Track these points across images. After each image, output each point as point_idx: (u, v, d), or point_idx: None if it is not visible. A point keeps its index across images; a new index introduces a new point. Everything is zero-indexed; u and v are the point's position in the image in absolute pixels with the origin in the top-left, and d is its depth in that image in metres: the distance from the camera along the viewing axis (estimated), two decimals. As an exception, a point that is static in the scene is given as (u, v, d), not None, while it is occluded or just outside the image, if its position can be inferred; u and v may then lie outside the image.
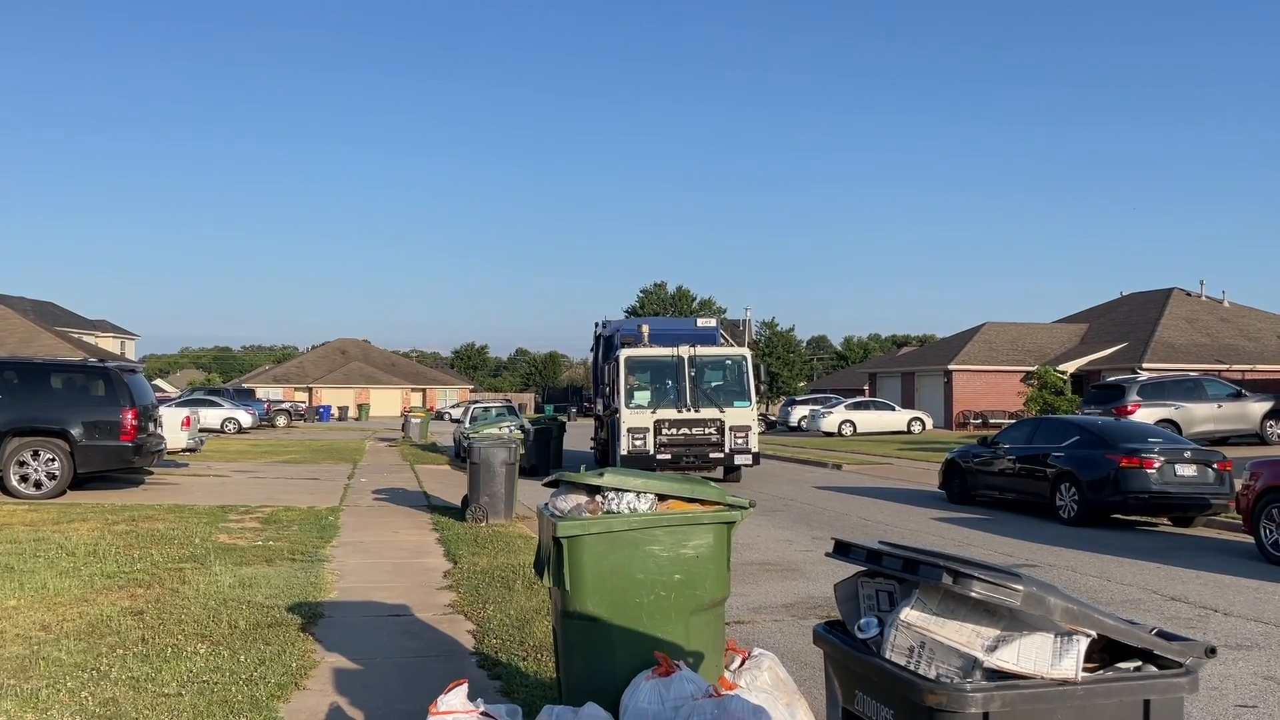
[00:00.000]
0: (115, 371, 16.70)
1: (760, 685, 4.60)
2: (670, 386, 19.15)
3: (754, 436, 19.06)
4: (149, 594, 8.34)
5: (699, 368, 19.24)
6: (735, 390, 19.53)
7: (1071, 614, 2.75)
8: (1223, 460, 14.04)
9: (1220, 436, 26.29)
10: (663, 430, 18.71)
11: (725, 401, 19.10)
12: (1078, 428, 15.38)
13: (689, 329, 22.68)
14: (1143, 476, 13.60)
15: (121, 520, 12.82)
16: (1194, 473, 13.79)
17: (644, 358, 19.51)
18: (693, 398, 18.85)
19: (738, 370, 19.82)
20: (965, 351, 48.76)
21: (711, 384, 19.61)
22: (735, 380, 19.74)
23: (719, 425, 18.82)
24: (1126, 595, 9.07)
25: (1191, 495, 13.77)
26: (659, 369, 19.48)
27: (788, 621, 8.03)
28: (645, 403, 18.95)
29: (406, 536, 12.32)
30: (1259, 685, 6.23)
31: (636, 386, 19.27)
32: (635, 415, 18.79)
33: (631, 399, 19.03)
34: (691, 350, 19.23)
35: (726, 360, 20.17)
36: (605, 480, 4.76)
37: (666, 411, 18.79)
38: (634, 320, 24.13)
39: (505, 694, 5.70)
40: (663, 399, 18.99)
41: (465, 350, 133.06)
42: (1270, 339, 42.17)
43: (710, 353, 20.01)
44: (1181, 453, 13.98)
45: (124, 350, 68.20)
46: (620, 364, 19.21)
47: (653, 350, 19.61)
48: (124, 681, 5.82)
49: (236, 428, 43.15)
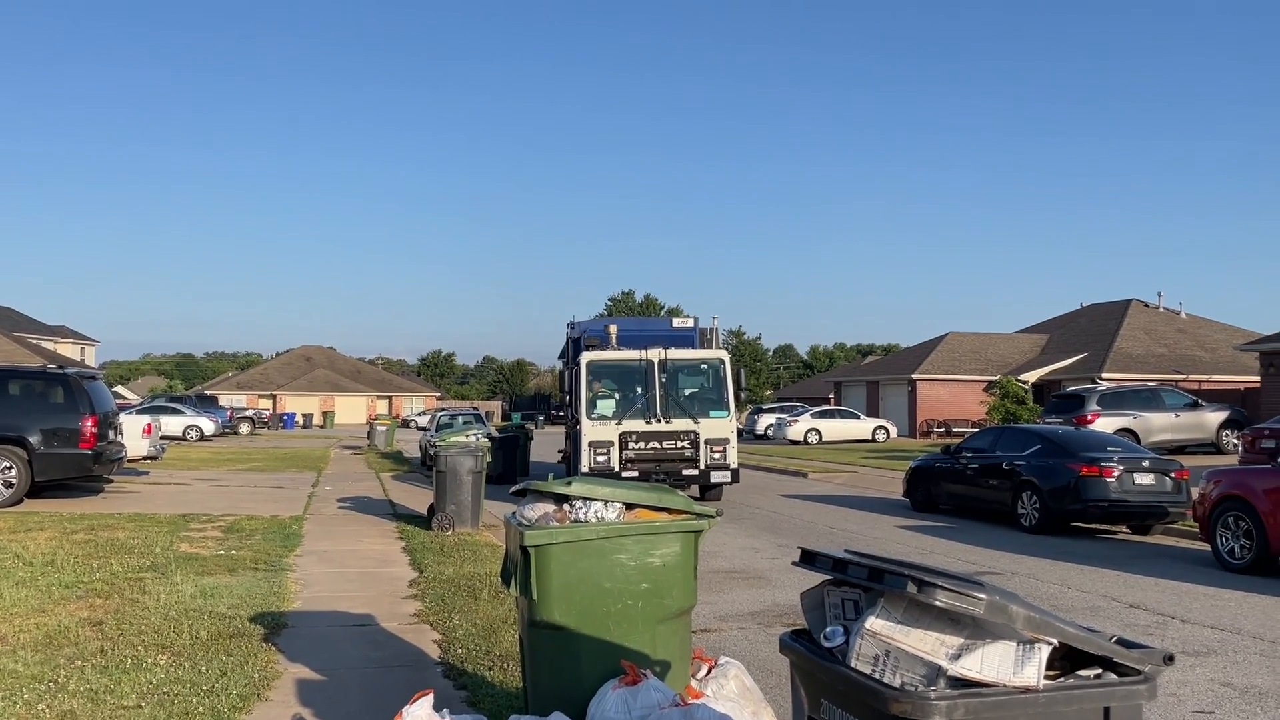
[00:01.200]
0: (74, 378, 16.46)
1: (727, 694, 4.62)
2: (638, 394, 17.05)
3: (733, 451, 16.92)
4: (108, 604, 8.22)
5: (671, 373, 17.19)
6: (712, 398, 17.45)
7: (1033, 622, 2.79)
8: (1180, 469, 14.29)
9: (1177, 446, 26.74)
10: (629, 444, 16.61)
11: (700, 411, 17.05)
12: (1039, 437, 15.62)
13: (663, 330, 20.17)
14: (1102, 485, 13.83)
15: (80, 529, 12.62)
16: (1152, 481, 14.04)
17: (608, 362, 17.44)
18: (663, 407, 16.79)
19: (714, 376, 17.65)
20: (929, 361, 49.23)
21: (685, 391, 17.60)
22: (712, 387, 17.65)
23: (693, 438, 16.75)
24: (1087, 603, 9.19)
25: (1150, 504, 14.03)
26: (625, 375, 17.41)
27: (754, 630, 8.06)
28: (609, 413, 16.86)
29: (372, 545, 12.23)
30: (1216, 691, 6.33)
31: (600, 394, 17.21)
32: (598, 427, 16.70)
33: (594, 409, 16.91)
34: (662, 354, 17.11)
35: (702, 364, 17.90)
36: (573, 489, 4.77)
37: (633, 423, 16.71)
38: (604, 321, 21.22)
39: (471, 704, 5.67)
40: (630, 408, 16.87)
41: (432, 357, 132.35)
42: (1226, 350, 42.93)
43: (683, 356, 17.65)
44: (1140, 462, 14.22)
45: (84, 356, 67.17)
46: (581, 369, 17.14)
47: (618, 354, 17.54)
48: (82, 693, 5.73)
49: (199, 435, 42.63)
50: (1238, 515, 10.85)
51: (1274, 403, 27.95)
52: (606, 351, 17.65)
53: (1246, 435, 20.40)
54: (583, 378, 17.09)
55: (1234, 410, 28.20)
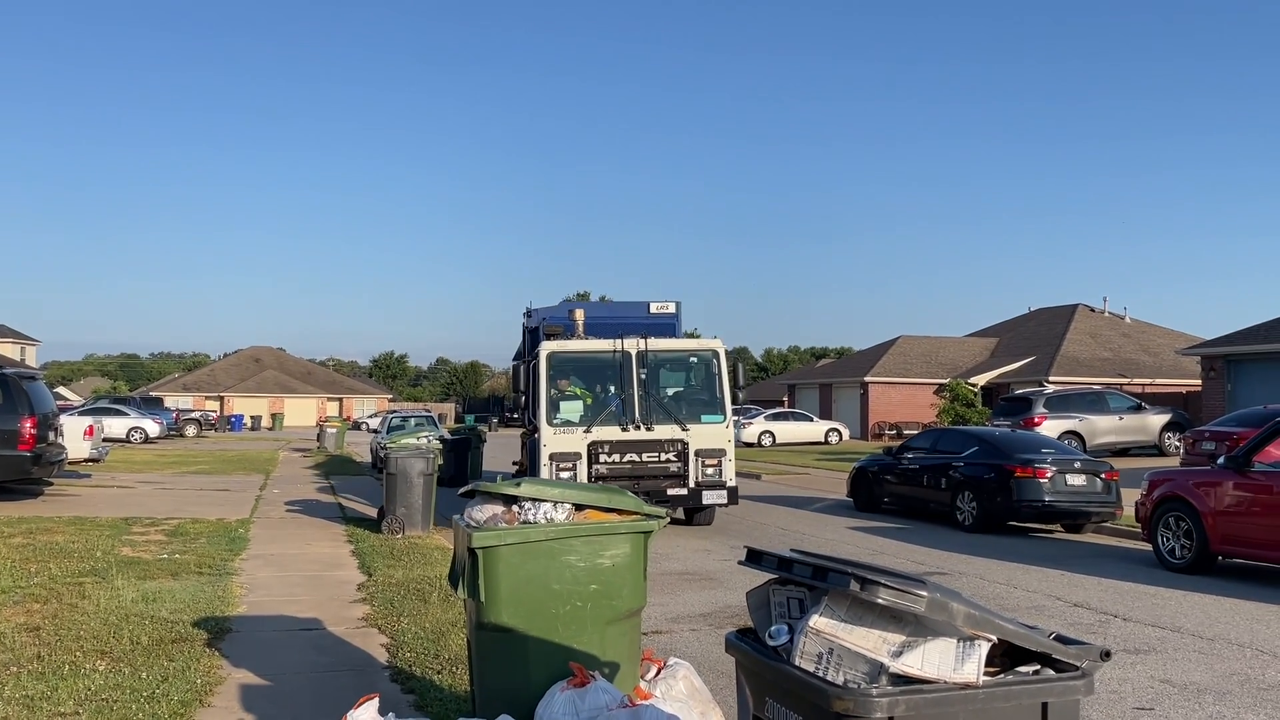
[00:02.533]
0: (13, 378, 16.08)
1: (675, 695, 4.62)
2: (612, 395, 14.05)
3: (730, 464, 13.88)
4: (46, 609, 8.03)
5: (652, 368, 14.02)
6: (703, 399, 14.38)
7: (974, 619, 2.83)
8: (1110, 470, 14.71)
9: (1121, 447, 27.30)
10: (600, 456, 13.51)
11: (689, 415, 13.96)
12: (976, 439, 16.00)
13: (639, 317, 16.28)
14: (1036, 486, 14.24)
15: (18, 533, 12.32)
16: (1083, 482, 14.49)
17: (574, 354, 14.21)
18: (643, 410, 13.66)
19: (706, 370, 14.50)
20: (881, 364, 49.80)
21: (670, 390, 14.66)
22: (704, 385, 14.56)
23: (680, 448, 13.66)
24: (1032, 602, 9.33)
25: (1080, 504, 14.47)
26: (596, 370, 14.37)
27: (705, 631, 8.07)
28: (575, 418, 13.75)
29: (319, 549, 12.08)
30: (1156, 688, 6.46)
31: (564, 395, 14.01)
32: (561, 436, 13.52)
33: (556, 412, 13.72)
34: (641, 344, 13.89)
35: (691, 357, 14.82)
36: (522, 490, 4.74)
37: (606, 430, 13.57)
38: (568, 305, 16.83)
39: (419, 708, 5.62)
40: (601, 412, 13.77)
41: (384, 359, 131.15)
42: (1169, 354, 43.91)
43: (668, 346, 14.52)
44: (1072, 463, 14.63)
45: (24, 356, 65.58)
46: (541, 364, 13.86)
47: (587, 344, 14.34)
48: (17, 700, 5.59)
49: (143, 437, 41.83)
50: (1178, 516, 11.09)
51: (1215, 406, 28.63)
52: (572, 341, 14.47)
53: (1188, 437, 20.87)
54: (542, 374, 13.79)
55: (1176, 413, 28.86)
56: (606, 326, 15.12)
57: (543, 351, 14.01)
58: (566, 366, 14.19)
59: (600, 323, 15.47)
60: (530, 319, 17.23)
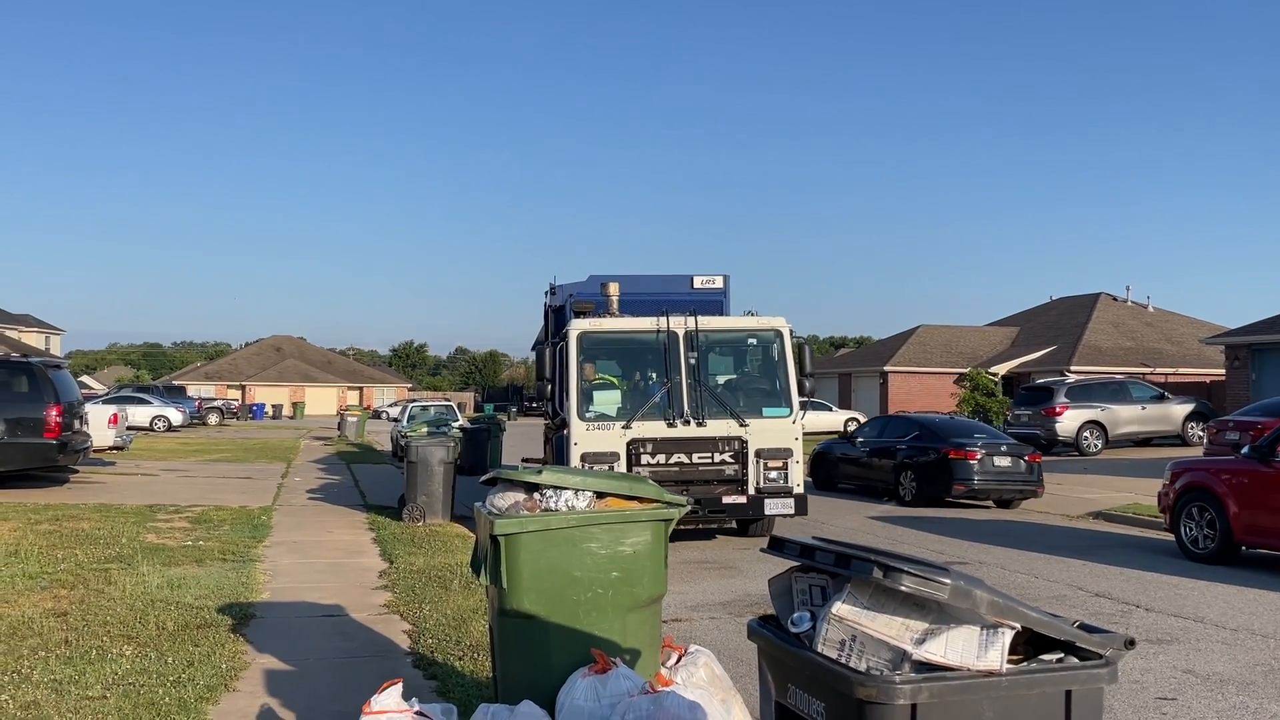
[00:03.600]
0: (39, 367, 16.25)
1: (696, 681, 4.63)
2: (655, 383, 11.95)
3: (797, 467, 11.74)
4: (73, 595, 8.13)
5: (703, 351, 11.92)
6: (764, 389, 12.40)
7: (997, 607, 2.82)
8: (1033, 453, 16.62)
9: (1144, 437, 27.08)
10: (641, 458, 11.38)
11: (748, 408, 11.88)
12: (918, 424, 17.96)
13: (682, 292, 14.11)
14: (966, 467, 16.01)
15: (45, 520, 12.46)
16: (1009, 464, 16.25)
17: (610, 334, 12.20)
18: (693, 402, 11.56)
19: (766, 355, 12.46)
20: (900, 353, 49.53)
21: (723, 379, 12.66)
22: (764, 371, 12.59)
23: (737, 448, 11.57)
24: (1054, 592, 9.29)
25: (1005, 483, 16.20)
26: (635, 354, 12.38)
27: (725, 619, 8.09)
28: (612, 411, 11.71)
29: (341, 536, 12.17)
30: (1178, 678, 6.43)
31: (598, 384, 12.04)
32: (595, 432, 11.44)
33: (589, 404, 11.67)
34: (690, 322, 11.83)
35: (750, 338, 12.65)
36: (543, 478, 4.76)
37: (648, 426, 11.48)
38: (599, 278, 14.01)
39: (441, 694, 5.66)
40: (642, 404, 11.67)
41: (404, 348, 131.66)
42: (1192, 343, 43.48)
43: (723, 325, 12.44)
44: (999, 447, 16.41)
45: (49, 346, 66.20)
46: (570, 345, 11.78)
47: (624, 323, 12.31)
48: (46, 684, 5.67)
49: (166, 426, 42.16)
50: (1202, 506, 11.00)
51: (1239, 395, 28.32)
52: (606, 320, 12.47)
53: (1211, 427, 20.68)
54: (572, 359, 11.74)
55: (1199, 403, 28.57)
56: (643, 303, 12.99)
57: (572, 332, 11.86)
58: (600, 349, 12.19)
59: (636, 299, 13.23)
60: (554, 297, 15.33)
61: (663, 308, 12.17)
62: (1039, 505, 16.19)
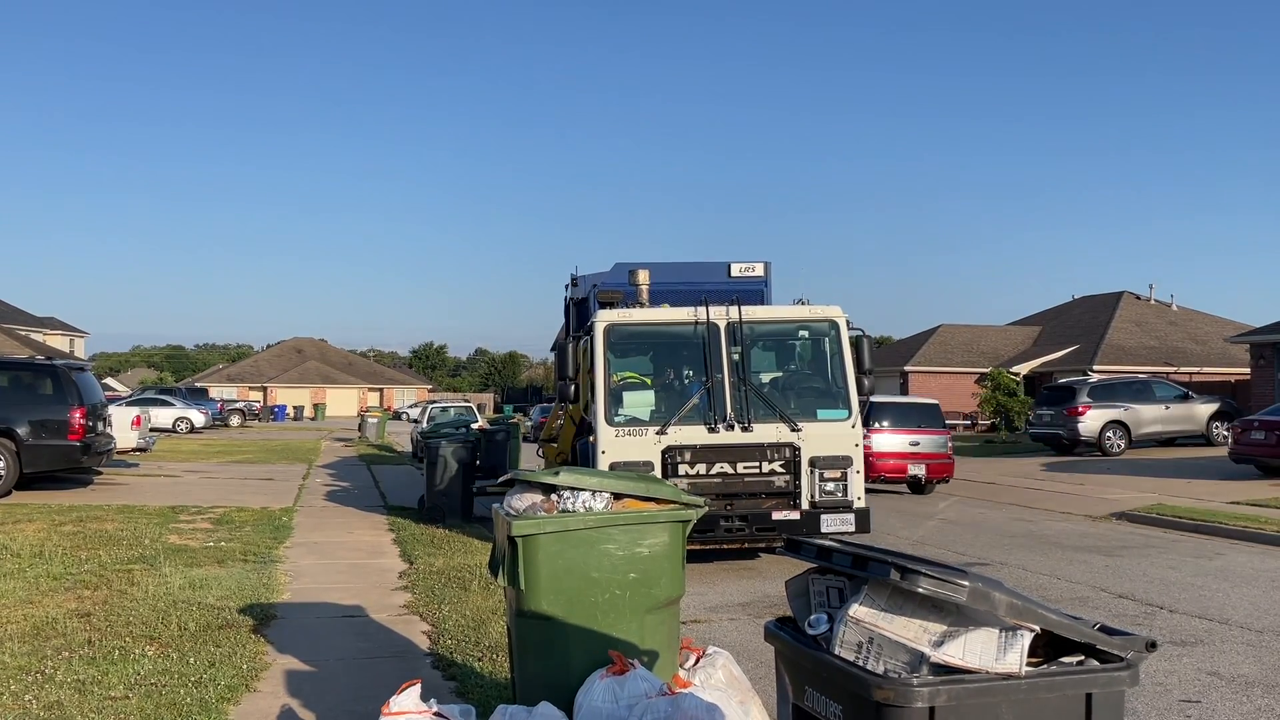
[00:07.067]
0: (63, 369, 16.41)
1: (714, 683, 4.62)
2: (693, 382, 10.69)
3: (857, 477, 10.46)
4: (96, 596, 8.20)
5: (747, 346, 10.59)
6: (818, 388, 11.09)
7: (1016, 609, 2.80)
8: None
9: (1168, 437, 26.82)
10: (679, 468, 10.09)
11: (801, 410, 10.53)
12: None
13: (718, 281, 12.77)
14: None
15: (69, 521, 12.58)
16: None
17: (641, 327, 10.85)
18: (738, 404, 10.25)
19: (820, 349, 11.20)
20: (921, 353, 49.29)
21: (771, 377, 11.26)
22: (818, 369, 11.27)
23: (789, 455, 10.22)
24: (1076, 593, 9.22)
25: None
26: (670, 349, 11.08)
27: (744, 620, 8.07)
28: (645, 414, 10.45)
29: (362, 537, 12.22)
30: (1203, 681, 6.36)
31: (628, 384, 10.76)
32: (626, 439, 10.16)
33: (619, 407, 10.40)
34: (733, 313, 10.57)
35: (801, 331, 11.28)
36: (561, 479, 4.76)
37: (686, 431, 10.18)
38: (627, 266, 12.61)
39: (460, 694, 5.68)
40: (680, 407, 10.35)
41: (424, 350, 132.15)
42: (1216, 342, 43.05)
43: (770, 316, 11.16)
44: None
45: (73, 348, 66.85)
46: (597, 339, 10.51)
47: (657, 314, 10.96)
48: (69, 684, 5.72)
49: (189, 427, 42.50)
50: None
51: (1264, 394, 28.02)
52: (636, 311, 11.07)
53: (1236, 427, 20.45)
54: (598, 355, 10.45)
55: (1224, 402, 28.27)
56: (677, 294, 11.79)
57: (598, 324, 10.59)
58: (630, 344, 10.95)
59: (668, 289, 12.04)
60: (576, 289, 13.98)
61: (696, 298, 10.86)
62: (1062, 506, 16.08)
